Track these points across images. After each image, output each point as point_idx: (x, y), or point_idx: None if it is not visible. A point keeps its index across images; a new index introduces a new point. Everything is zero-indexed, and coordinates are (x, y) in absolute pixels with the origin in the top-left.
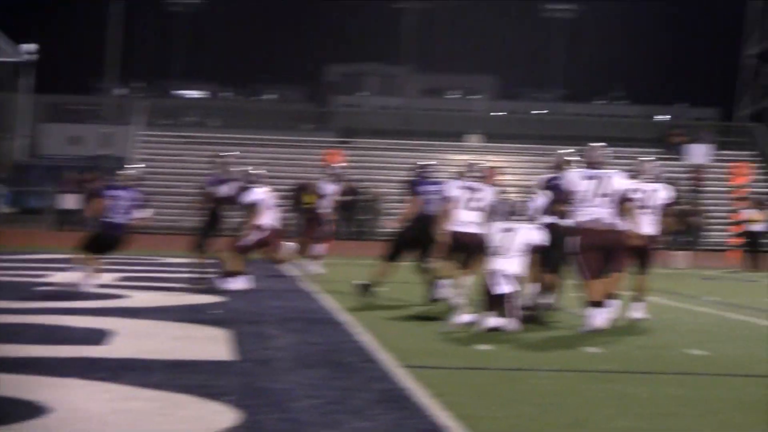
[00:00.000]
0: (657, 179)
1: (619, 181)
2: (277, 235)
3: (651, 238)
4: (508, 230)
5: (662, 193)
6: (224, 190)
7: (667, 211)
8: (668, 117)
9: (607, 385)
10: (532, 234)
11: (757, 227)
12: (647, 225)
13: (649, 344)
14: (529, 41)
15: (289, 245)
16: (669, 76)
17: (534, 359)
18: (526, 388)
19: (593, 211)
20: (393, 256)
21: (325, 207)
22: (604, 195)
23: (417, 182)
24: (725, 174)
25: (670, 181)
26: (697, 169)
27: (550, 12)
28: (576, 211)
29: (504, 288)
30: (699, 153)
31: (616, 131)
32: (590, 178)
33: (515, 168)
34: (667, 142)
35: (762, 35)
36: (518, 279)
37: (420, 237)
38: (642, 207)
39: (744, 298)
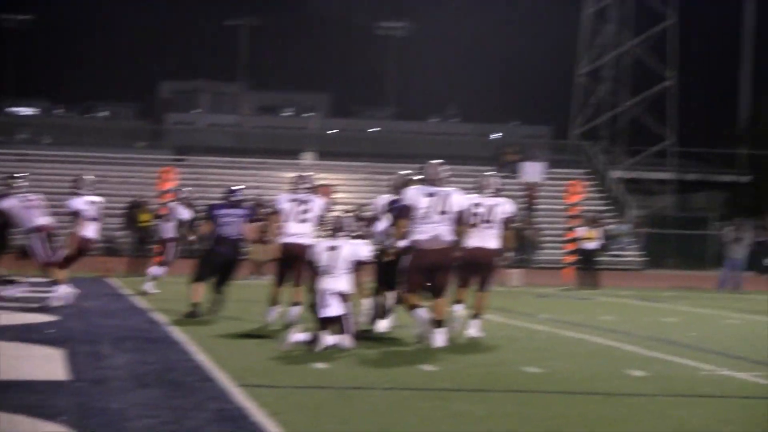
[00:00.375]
0: (498, 194)
1: (457, 199)
2: (89, 246)
3: (494, 253)
4: (333, 248)
5: (504, 207)
6: (3, 206)
7: (508, 225)
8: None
9: (443, 403)
10: (358, 249)
11: (590, 245)
12: (490, 239)
13: (486, 362)
14: (363, 59)
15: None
16: (503, 94)
17: (370, 377)
18: (363, 406)
19: (432, 228)
20: (200, 276)
21: (181, 232)
22: (443, 212)
23: (219, 205)
24: (559, 192)
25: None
26: (531, 186)
27: (383, 30)
28: (415, 228)
29: (334, 308)
30: (532, 171)
31: (450, 149)
32: (430, 195)
33: (349, 185)
34: (501, 160)
35: (593, 55)
36: (348, 296)
37: (222, 259)
38: (484, 221)
39: (578, 315)
